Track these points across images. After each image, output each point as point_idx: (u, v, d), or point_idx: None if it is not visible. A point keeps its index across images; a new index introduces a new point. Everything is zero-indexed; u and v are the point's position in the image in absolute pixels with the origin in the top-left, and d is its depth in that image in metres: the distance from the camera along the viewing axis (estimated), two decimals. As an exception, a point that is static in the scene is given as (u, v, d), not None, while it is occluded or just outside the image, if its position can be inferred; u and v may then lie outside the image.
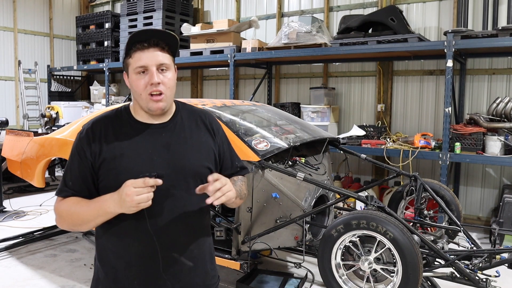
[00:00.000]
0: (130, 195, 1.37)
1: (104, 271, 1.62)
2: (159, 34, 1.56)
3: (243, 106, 4.09)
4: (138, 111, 1.63)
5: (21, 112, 8.73)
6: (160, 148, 1.58)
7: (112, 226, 1.57)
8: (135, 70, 1.55)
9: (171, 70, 1.59)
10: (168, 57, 1.58)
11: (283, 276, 3.61)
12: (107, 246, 1.62)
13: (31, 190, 6.83)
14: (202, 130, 1.71)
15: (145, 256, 1.57)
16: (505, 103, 4.68)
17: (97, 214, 1.48)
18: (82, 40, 8.81)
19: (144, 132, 1.60)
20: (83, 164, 1.56)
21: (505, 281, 3.25)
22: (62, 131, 4.19)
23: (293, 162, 3.42)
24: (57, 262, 4.09)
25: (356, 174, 6.30)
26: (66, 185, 1.58)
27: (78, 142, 1.60)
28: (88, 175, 1.56)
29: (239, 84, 7.57)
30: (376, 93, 6.17)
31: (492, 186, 5.46)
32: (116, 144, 1.56)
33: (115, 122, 1.63)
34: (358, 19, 5.48)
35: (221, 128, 1.80)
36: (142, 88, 1.54)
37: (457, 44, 4.54)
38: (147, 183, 1.38)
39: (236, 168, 1.81)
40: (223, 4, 7.80)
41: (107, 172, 1.54)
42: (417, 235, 3.06)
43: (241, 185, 1.76)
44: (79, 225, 1.55)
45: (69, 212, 1.55)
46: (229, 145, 1.82)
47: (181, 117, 1.68)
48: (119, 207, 1.42)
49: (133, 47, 1.55)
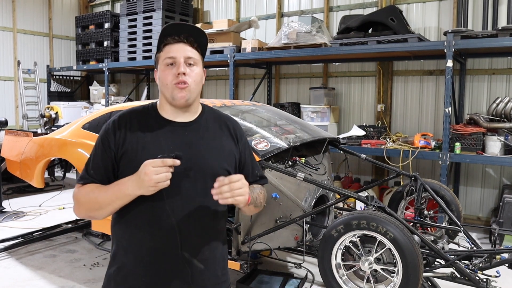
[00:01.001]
0: (149, 174, 1.39)
1: (117, 266, 1.64)
2: (190, 29, 1.61)
3: (243, 106, 4.08)
4: (164, 106, 1.65)
5: (21, 112, 8.72)
6: (182, 146, 1.59)
7: (125, 215, 1.59)
8: (164, 62, 1.60)
9: (199, 66, 1.63)
10: (196, 54, 1.62)
11: (283, 277, 3.60)
12: (121, 241, 1.64)
13: (31, 191, 6.82)
14: (225, 134, 1.72)
15: (156, 253, 1.57)
16: (505, 103, 4.68)
17: (115, 197, 1.50)
18: (81, 40, 8.80)
19: (167, 128, 1.62)
20: (106, 154, 1.60)
21: (505, 281, 3.25)
22: (61, 131, 4.18)
23: (293, 162, 3.41)
24: (57, 263, 4.08)
25: (356, 174, 6.30)
26: (88, 173, 1.62)
27: (104, 132, 1.64)
28: (110, 165, 1.60)
29: (239, 84, 7.57)
30: (376, 93, 6.17)
31: (492, 186, 5.46)
32: (139, 137, 1.59)
33: (141, 116, 1.66)
34: (358, 19, 5.48)
35: (244, 136, 1.81)
36: (169, 78, 1.58)
37: (457, 44, 4.53)
38: (165, 162, 1.40)
39: (255, 176, 1.81)
40: (222, 4, 7.79)
41: (127, 163, 1.57)
42: (418, 235, 3.05)
43: (259, 193, 1.75)
44: (96, 210, 1.56)
45: (87, 197, 1.57)
46: (250, 154, 1.82)
47: (206, 119, 1.70)
48: (138, 188, 1.44)
49: (164, 40, 1.62)
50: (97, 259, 4.15)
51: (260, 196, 1.75)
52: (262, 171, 1.87)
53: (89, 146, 3.76)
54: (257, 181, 1.81)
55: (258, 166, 1.86)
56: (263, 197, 1.79)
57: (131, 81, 9.39)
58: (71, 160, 3.95)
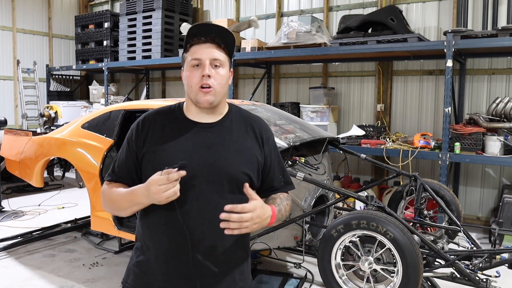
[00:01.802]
0: (158, 193, 1.41)
1: (137, 260, 1.66)
2: (217, 29, 1.59)
3: (242, 106, 4.07)
4: (189, 107, 1.65)
5: (20, 112, 8.71)
6: (202, 147, 1.58)
7: (148, 213, 1.61)
8: (190, 63, 1.58)
9: (225, 68, 1.61)
10: (223, 55, 1.60)
11: (282, 276, 3.60)
12: (143, 237, 1.66)
13: (30, 190, 6.81)
14: (250, 136, 1.67)
15: (171, 253, 1.57)
16: (504, 103, 4.68)
17: (131, 203, 1.55)
18: (81, 39, 8.79)
19: (190, 129, 1.61)
20: (129, 154, 1.64)
21: (505, 281, 3.25)
22: (61, 131, 4.17)
23: (292, 162, 3.41)
24: (56, 262, 4.08)
25: (356, 174, 6.30)
26: (114, 171, 1.68)
27: (130, 132, 1.67)
28: (132, 165, 1.63)
29: (239, 84, 7.57)
30: (376, 93, 6.16)
31: (491, 186, 5.45)
32: (161, 138, 1.60)
33: (166, 117, 1.66)
34: (358, 19, 5.48)
35: (272, 139, 1.75)
36: (194, 80, 1.57)
37: (456, 44, 4.53)
38: (171, 179, 1.40)
39: (280, 181, 1.74)
40: (222, 3, 7.79)
41: (147, 164, 1.60)
42: (417, 235, 3.05)
43: (286, 205, 1.68)
44: (118, 210, 1.65)
45: (109, 198, 1.64)
46: (278, 158, 1.76)
47: (231, 120, 1.67)
48: (149, 200, 1.47)
49: (191, 40, 1.59)
50: (96, 258, 4.15)
51: (287, 209, 1.69)
52: (289, 177, 1.80)
53: (89, 146, 3.75)
54: (282, 187, 1.75)
55: (286, 171, 1.80)
56: (289, 210, 1.73)
57: (130, 80, 9.38)
58: (71, 159, 3.94)
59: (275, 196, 1.70)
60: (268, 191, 1.72)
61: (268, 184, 1.71)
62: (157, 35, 7.18)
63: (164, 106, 1.72)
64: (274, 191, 1.73)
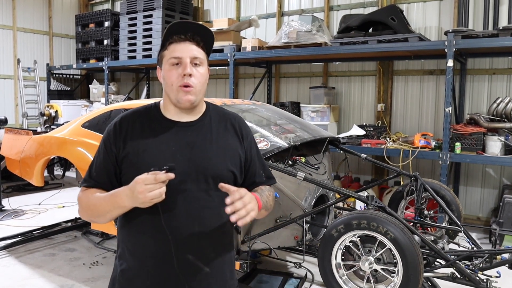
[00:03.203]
0: (143, 193, 1.36)
1: (121, 269, 1.62)
2: (197, 28, 1.57)
3: (243, 105, 4.08)
4: (167, 107, 1.62)
5: (20, 111, 8.71)
6: (184, 147, 1.56)
7: (130, 220, 1.57)
8: (169, 61, 1.55)
9: (204, 66, 1.59)
10: (202, 53, 1.58)
11: (282, 276, 3.60)
12: (126, 243, 1.61)
13: (30, 189, 6.80)
14: (230, 133, 1.67)
15: (159, 256, 1.54)
16: (505, 103, 4.67)
17: (112, 207, 1.48)
18: (81, 38, 8.79)
19: (170, 129, 1.59)
20: (107, 157, 1.58)
21: (505, 281, 3.24)
22: (61, 130, 4.17)
23: (293, 161, 3.41)
24: (56, 261, 4.07)
25: (356, 174, 6.29)
26: (91, 176, 1.61)
27: (106, 134, 1.62)
28: (111, 168, 1.58)
29: (239, 83, 7.56)
30: (376, 92, 6.16)
31: (492, 186, 5.45)
32: (141, 140, 1.57)
33: (144, 117, 1.63)
34: (359, 19, 5.47)
35: (250, 134, 1.75)
36: (174, 79, 1.54)
37: (457, 44, 4.52)
38: (158, 179, 1.36)
39: (262, 176, 1.74)
40: (223, 3, 7.78)
41: (128, 166, 1.55)
42: (418, 235, 3.05)
43: (268, 195, 1.68)
44: (97, 217, 1.57)
45: (88, 204, 1.57)
46: (258, 152, 1.76)
47: (210, 117, 1.66)
48: (132, 202, 1.41)
49: (169, 38, 1.56)
50: (96, 257, 4.15)
51: (270, 199, 1.69)
52: (269, 171, 1.80)
53: (89, 145, 3.75)
54: (264, 181, 1.74)
55: (266, 166, 1.80)
56: (272, 199, 1.73)
57: (131, 79, 9.38)
58: (71, 158, 3.94)
59: (256, 189, 1.70)
60: (250, 187, 1.70)
61: (249, 179, 1.71)
62: (158, 34, 7.17)
63: (140, 106, 1.68)
64: (256, 186, 1.72)
